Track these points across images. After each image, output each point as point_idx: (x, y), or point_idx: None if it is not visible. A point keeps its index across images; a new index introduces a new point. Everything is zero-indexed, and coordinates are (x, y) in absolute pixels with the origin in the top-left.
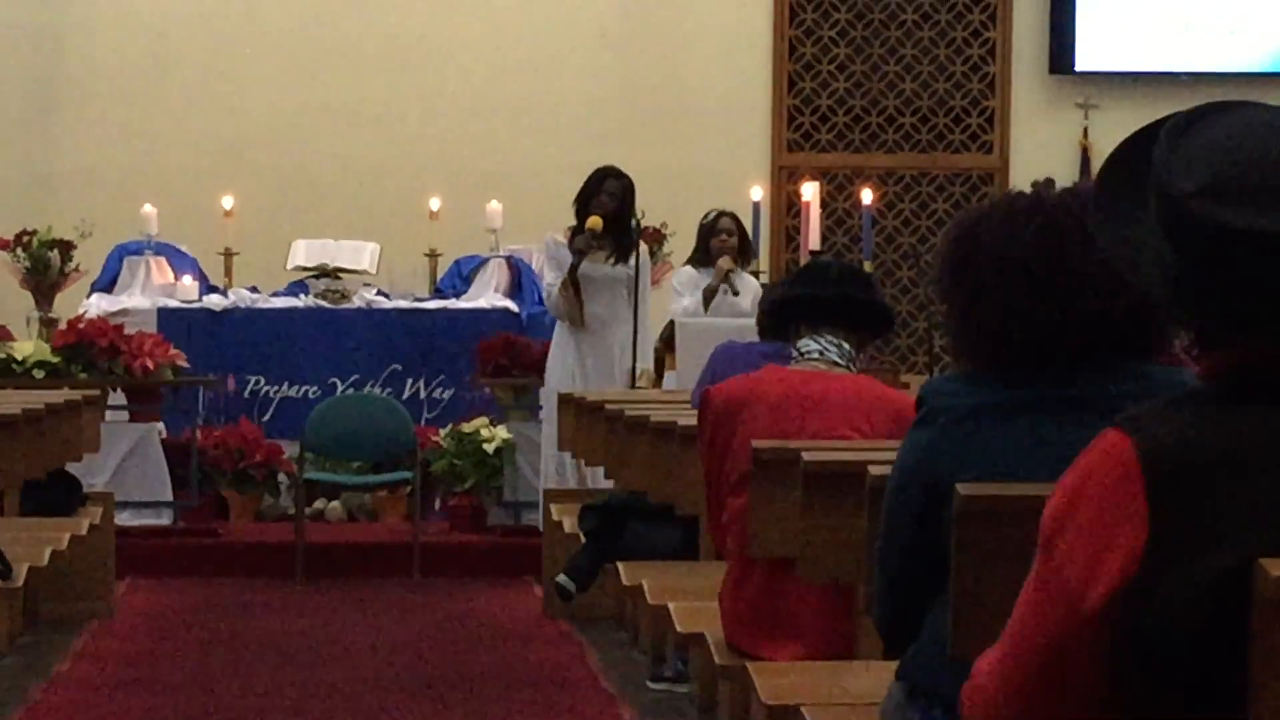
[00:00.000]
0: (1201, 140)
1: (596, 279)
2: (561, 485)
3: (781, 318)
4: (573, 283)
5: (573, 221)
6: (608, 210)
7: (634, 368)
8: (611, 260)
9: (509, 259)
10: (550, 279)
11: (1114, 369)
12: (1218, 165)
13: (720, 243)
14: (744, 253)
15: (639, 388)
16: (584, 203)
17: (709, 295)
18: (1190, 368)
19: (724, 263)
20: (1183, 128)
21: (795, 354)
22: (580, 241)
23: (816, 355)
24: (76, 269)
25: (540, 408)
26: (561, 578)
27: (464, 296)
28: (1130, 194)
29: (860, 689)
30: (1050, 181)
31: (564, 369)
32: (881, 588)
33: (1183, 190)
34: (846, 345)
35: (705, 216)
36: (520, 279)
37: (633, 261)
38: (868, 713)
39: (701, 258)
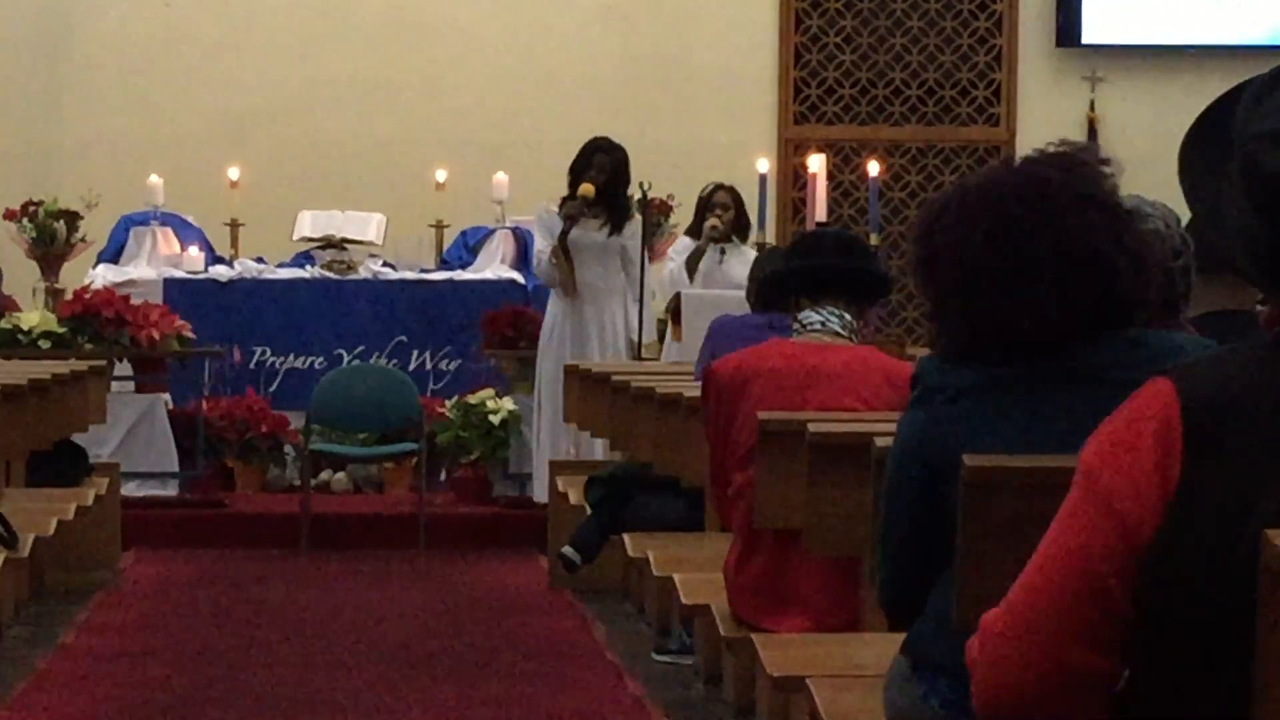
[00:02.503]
0: None
1: (588, 247)
2: (558, 456)
3: (781, 289)
4: (563, 248)
5: (566, 191)
6: (599, 182)
7: (640, 338)
8: (605, 230)
9: (515, 230)
10: (541, 245)
11: (1101, 340)
12: None
13: (716, 218)
14: (742, 226)
15: (646, 358)
16: (577, 173)
17: (696, 256)
18: (1189, 332)
19: (711, 222)
20: (1276, 81)
21: (797, 326)
22: (571, 207)
23: (818, 326)
24: (83, 239)
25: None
26: (567, 549)
27: (470, 268)
28: (1218, 145)
29: (865, 661)
30: (1009, 159)
31: (557, 338)
32: (885, 565)
33: (1251, 132)
34: (848, 316)
35: (704, 189)
36: (526, 250)
37: (627, 231)
38: (873, 684)
39: (699, 230)
